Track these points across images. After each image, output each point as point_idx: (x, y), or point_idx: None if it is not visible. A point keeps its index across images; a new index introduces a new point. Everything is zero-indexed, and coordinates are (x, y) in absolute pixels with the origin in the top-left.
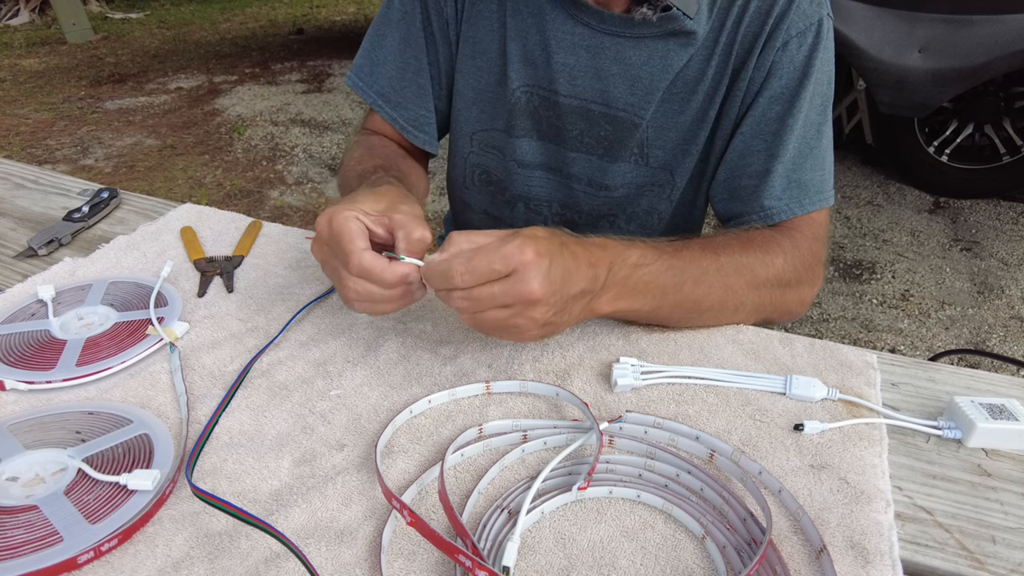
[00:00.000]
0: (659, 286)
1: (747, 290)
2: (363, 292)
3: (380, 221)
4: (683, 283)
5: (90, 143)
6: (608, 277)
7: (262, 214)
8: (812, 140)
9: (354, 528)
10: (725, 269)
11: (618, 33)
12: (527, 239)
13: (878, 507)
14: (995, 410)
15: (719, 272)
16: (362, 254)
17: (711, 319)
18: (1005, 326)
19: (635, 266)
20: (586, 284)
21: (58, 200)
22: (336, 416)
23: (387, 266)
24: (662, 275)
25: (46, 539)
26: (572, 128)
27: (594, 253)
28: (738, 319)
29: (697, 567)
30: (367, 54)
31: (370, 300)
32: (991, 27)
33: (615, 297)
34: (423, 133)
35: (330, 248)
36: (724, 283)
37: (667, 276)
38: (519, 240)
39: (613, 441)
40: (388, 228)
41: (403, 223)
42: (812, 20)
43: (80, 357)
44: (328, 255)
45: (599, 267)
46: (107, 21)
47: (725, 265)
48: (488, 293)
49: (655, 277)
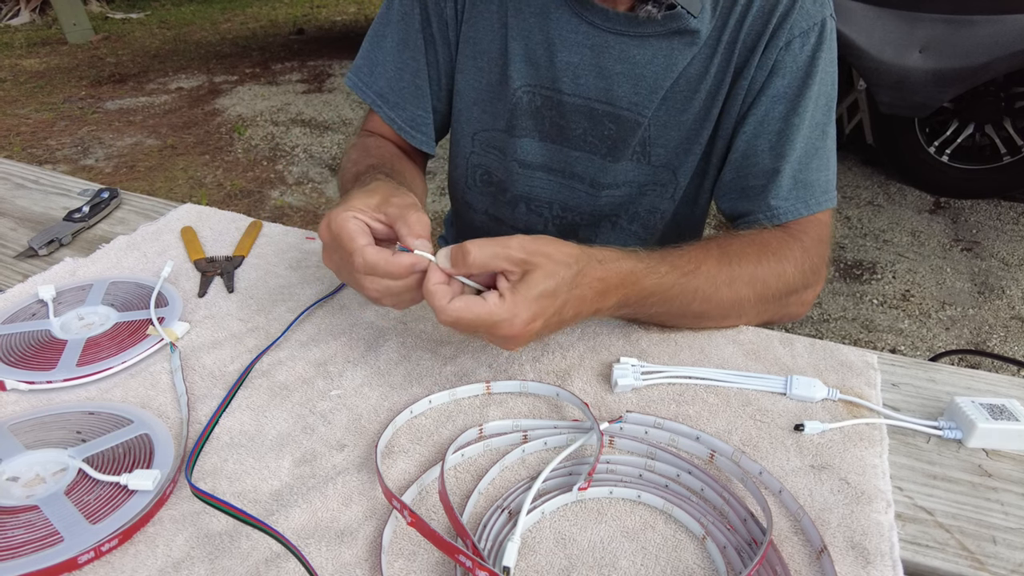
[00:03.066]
0: (665, 306)
1: (754, 300)
2: (381, 288)
3: (376, 218)
4: (692, 302)
5: (90, 143)
6: (614, 304)
7: (262, 214)
8: (817, 140)
9: (354, 528)
10: (736, 283)
11: (622, 32)
12: (527, 305)
13: (879, 507)
14: (995, 410)
15: (730, 287)
16: (364, 250)
17: (713, 324)
18: (1006, 326)
19: (650, 294)
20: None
21: (59, 200)
22: (336, 416)
23: (391, 258)
24: (674, 299)
25: (46, 539)
26: (575, 127)
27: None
28: (740, 324)
29: (697, 567)
30: (367, 55)
31: (390, 294)
32: (991, 27)
33: (617, 309)
34: (420, 134)
35: (336, 253)
36: (733, 297)
37: (679, 299)
38: (516, 309)
39: (613, 441)
40: (386, 224)
41: (398, 215)
42: (815, 20)
43: (80, 357)
44: (338, 261)
45: (607, 300)
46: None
47: (737, 279)
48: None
49: (665, 300)
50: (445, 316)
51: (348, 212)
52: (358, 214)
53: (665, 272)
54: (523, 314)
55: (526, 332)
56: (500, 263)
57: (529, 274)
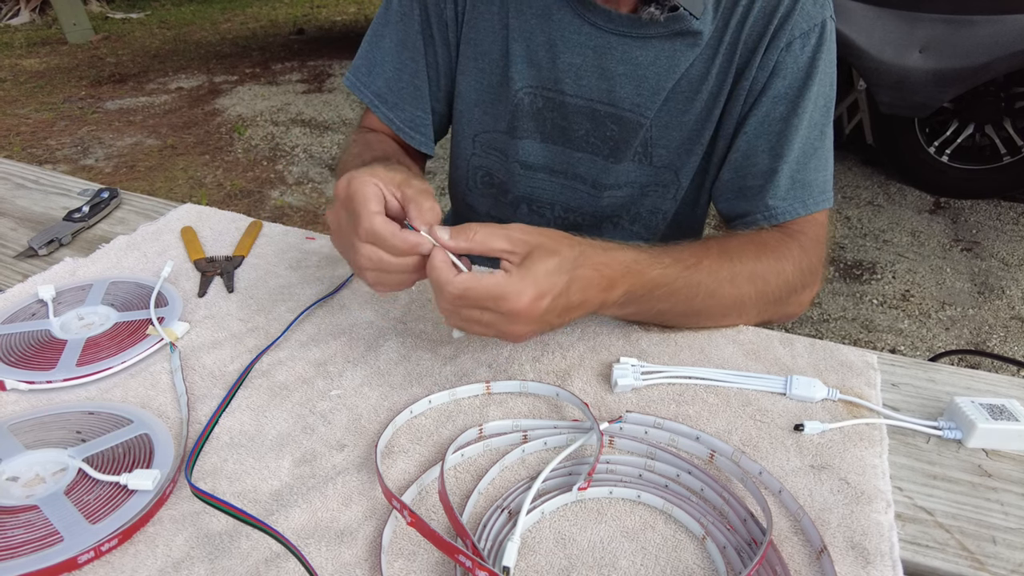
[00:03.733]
0: (670, 302)
1: (755, 298)
2: (375, 259)
3: (394, 193)
4: (695, 297)
5: (90, 143)
6: (621, 297)
7: (262, 214)
8: (816, 141)
9: (354, 528)
10: (738, 279)
11: (625, 33)
12: (533, 281)
13: (878, 507)
14: (995, 410)
15: (732, 283)
16: (374, 216)
17: (713, 323)
18: (1005, 326)
19: (655, 286)
20: (591, 309)
21: (58, 200)
22: (336, 416)
23: (398, 232)
24: (678, 292)
25: (46, 539)
26: (578, 128)
27: (615, 279)
28: (739, 322)
29: (697, 567)
30: (365, 55)
31: (381, 268)
32: (991, 27)
33: (622, 306)
34: (419, 135)
35: (345, 211)
36: (735, 293)
37: (683, 293)
38: (522, 284)
39: (613, 441)
40: (401, 201)
41: (414, 196)
42: (816, 21)
43: (80, 357)
44: (342, 219)
45: (614, 292)
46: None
47: (739, 275)
48: (475, 319)
49: (670, 295)
50: (452, 288)
51: (371, 178)
52: (380, 182)
53: (668, 263)
54: (529, 290)
55: (533, 309)
56: (501, 242)
57: (531, 255)
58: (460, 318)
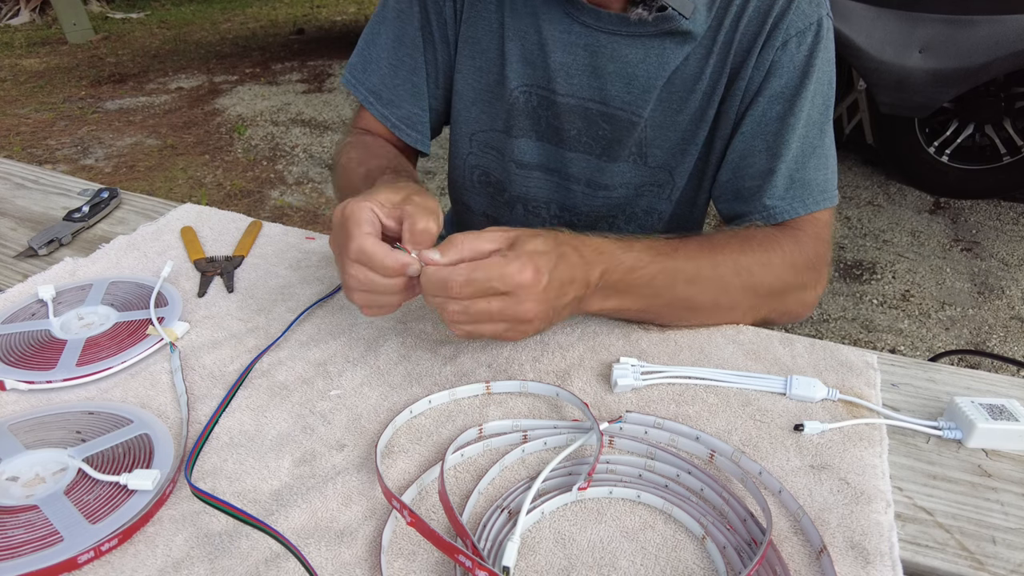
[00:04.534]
0: (651, 288)
1: (743, 290)
2: (363, 280)
3: (393, 213)
4: (675, 284)
5: (90, 143)
6: (600, 280)
7: (262, 214)
8: (815, 140)
9: (354, 528)
10: (721, 269)
11: (615, 31)
12: (529, 257)
13: (878, 507)
14: (995, 410)
15: (714, 271)
16: (364, 237)
17: (705, 318)
18: (1005, 326)
19: (629, 269)
20: (579, 292)
21: (58, 200)
22: (336, 416)
23: (388, 252)
24: (656, 277)
25: (46, 539)
26: (570, 128)
27: (590, 259)
28: (734, 319)
29: (697, 567)
30: (361, 52)
31: (370, 289)
32: (991, 27)
33: (604, 297)
34: (415, 132)
35: (340, 234)
36: (719, 283)
37: (660, 278)
38: (520, 261)
39: (613, 441)
40: (399, 220)
41: (411, 213)
42: (811, 20)
43: (80, 357)
44: (338, 243)
45: (593, 272)
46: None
47: (721, 264)
48: (485, 309)
49: (648, 280)
50: (457, 276)
51: (367, 202)
52: (375, 206)
53: (641, 249)
54: (528, 264)
55: (537, 281)
56: (487, 243)
57: (517, 239)
58: (470, 317)
